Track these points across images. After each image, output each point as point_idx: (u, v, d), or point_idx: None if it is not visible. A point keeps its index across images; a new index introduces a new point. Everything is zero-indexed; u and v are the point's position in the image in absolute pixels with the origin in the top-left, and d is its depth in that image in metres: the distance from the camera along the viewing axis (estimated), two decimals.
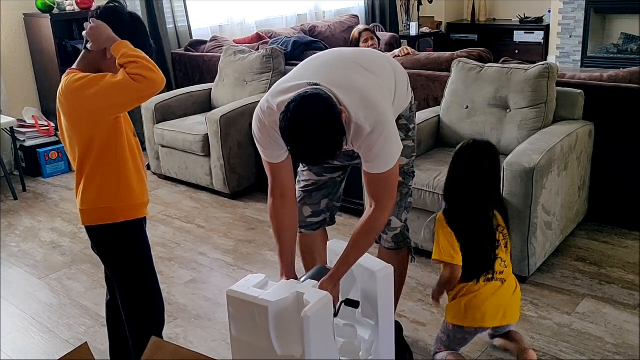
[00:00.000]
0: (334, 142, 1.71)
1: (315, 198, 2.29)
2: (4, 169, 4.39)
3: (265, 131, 1.92)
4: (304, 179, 2.30)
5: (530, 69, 3.13)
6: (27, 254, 3.48)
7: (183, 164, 4.32)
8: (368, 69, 1.95)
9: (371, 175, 1.90)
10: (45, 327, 2.75)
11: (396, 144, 1.88)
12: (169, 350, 1.72)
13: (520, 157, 2.75)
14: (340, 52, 2.07)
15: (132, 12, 1.95)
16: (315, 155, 1.74)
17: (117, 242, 2.01)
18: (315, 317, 1.73)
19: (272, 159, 1.98)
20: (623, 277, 2.86)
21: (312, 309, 1.73)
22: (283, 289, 1.85)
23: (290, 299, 1.82)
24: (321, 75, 1.85)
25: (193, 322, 2.74)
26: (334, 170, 2.27)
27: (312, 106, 1.70)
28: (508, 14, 8.17)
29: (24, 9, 4.75)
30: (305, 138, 1.69)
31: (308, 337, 1.73)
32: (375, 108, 1.83)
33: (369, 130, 1.80)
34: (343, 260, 1.94)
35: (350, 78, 1.86)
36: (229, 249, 3.39)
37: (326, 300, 1.79)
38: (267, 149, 1.95)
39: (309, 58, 2.06)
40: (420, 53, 4.35)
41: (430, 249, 3.10)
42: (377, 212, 1.93)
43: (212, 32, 5.72)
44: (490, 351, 2.41)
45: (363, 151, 1.86)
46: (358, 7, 7.12)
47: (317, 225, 2.34)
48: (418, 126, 3.30)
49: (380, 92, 1.92)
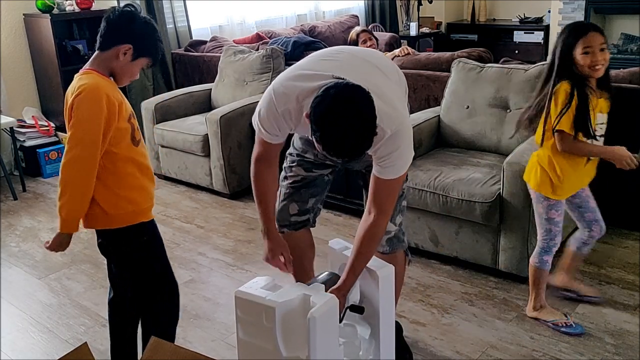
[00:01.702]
0: (369, 137, 1.64)
1: (304, 195, 2.25)
2: (4, 169, 4.39)
3: (272, 115, 1.86)
4: (291, 175, 2.24)
5: (530, 69, 3.13)
6: (27, 254, 3.48)
7: (183, 164, 4.32)
8: (385, 73, 1.94)
9: (381, 181, 1.86)
10: (44, 327, 2.74)
11: (411, 151, 1.87)
12: (169, 350, 1.72)
13: (520, 157, 2.75)
14: (357, 52, 2.01)
15: (147, 18, 2.00)
16: (349, 147, 1.63)
17: (119, 244, 2.03)
18: (321, 319, 1.73)
19: (267, 139, 1.94)
20: (623, 277, 2.86)
21: (319, 310, 1.73)
22: (290, 291, 1.85)
23: (297, 301, 1.82)
24: (346, 73, 1.78)
25: (192, 322, 2.74)
26: (325, 167, 2.23)
27: (356, 96, 1.63)
28: (508, 14, 8.16)
29: (24, 9, 4.75)
30: (343, 126, 1.59)
31: (314, 339, 1.73)
32: (396, 112, 1.81)
33: (389, 134, 1.77)
34: (349, 271, 1.91)
35: (373, 81, 1.82)
36: (229, 249, 3.39)
37: (332, 303, 1.78)
38: (269, 131, 1.91)
39: (324, 52, 1.99)
40: (420, 53, 4.35)
41: (430, 249, 3.12)
42: (378, 219, 1.91)
43: (212, 32, 5.72)
44: (490, 351, 2.41)
45: (379, 155, 1.82)
46: (358, 7, 7.11)
47: (300, 225, 2.29)
48: (418, 126, 3.32)
49: (398, 96, 1.91)
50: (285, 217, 2.26)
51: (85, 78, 1.90)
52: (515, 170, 2.71)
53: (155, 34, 1.97)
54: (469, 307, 2.72)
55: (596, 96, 2.29)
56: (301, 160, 2.22)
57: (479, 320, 2.62)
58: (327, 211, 3.80)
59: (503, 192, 2.76)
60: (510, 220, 2.77)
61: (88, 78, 1.90)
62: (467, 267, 3.03)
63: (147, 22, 1.96)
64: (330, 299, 1.79)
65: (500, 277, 2.92)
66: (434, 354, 2.42)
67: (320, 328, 1.74)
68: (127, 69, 1.94)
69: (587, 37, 2.23)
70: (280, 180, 2.26)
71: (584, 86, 2.27)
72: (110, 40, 1.91)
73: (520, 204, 2.72)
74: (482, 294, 2.81)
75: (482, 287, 2.87)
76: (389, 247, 2.21)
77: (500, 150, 3.18)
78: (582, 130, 2.27)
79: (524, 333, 2.51)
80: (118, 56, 1.91)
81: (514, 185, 2.72)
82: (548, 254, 2.48)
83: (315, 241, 2.33)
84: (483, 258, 2.92)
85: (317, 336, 1.73)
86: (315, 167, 2.22)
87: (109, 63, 1.93)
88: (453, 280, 2.95)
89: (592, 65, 2.23)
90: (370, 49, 2.22)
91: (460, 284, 2.91)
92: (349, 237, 1.98)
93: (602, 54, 2.24)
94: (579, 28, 2.27)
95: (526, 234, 2.75)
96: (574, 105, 2.26)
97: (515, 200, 2.73)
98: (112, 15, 1.91)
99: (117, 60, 1.92)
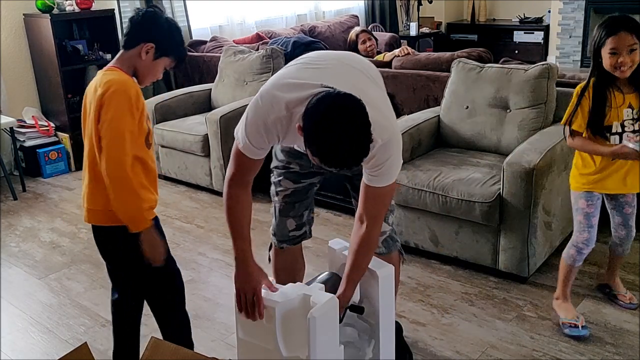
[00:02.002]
0: (366, 145, 1.60)
1: (299, 210, 2.23)
2: (4, 169, 4.39)
3: (261, 125, 1.79)
4: (281, 189, 2.20)
5: (530, 69, 3.13)
6: (27, 254, 3.48)
7: (183, 164, 4.32)
8: (370, 78, 1.92)
9: (373, 189, 1.84)
10: (44, 327, 2.74)
11: (401, 159, 1.85)
12: (169, 350, 1.72)
13: (520, 157, 2.75)
14: (342, 58, 1.97)
15: (169, 18, 2.03)
16: (347, 156, 1.58)
17: (115, 242, 2.04)
18: (321, 319, 1.73)
19: (250, 154, 1.86)
20: (623, 277, 2.86)
21: (319, 310, 1.73)
22: (290, 291, 1.85)
23: (297, 301, 1.82)
24: (335, 81, 1.73)
25: (192, 322, 2.73)
26: (313, 176, 2.19)
27: (349, 104, 1.59)
28: (508, 14, 8.17)
29: (24, 9, 4.75)
30: (340, 136, 1.55)
31: (314, 339, 1.73)
32: (387, 121, 1.79)
33: (381, 143, 1.73)
34: (347, 282, 1.90)
35: (362, 89, 1.78)
36: (228, 249, 3.38)
37: (333, 303, 1.78)
38: (256, 145, 1.83)
39: (310, 59, 1.93)
40: (420, 53, 4.35)
41: (430, 249, 3.12)
42: (371, 229, 1.89)
43: (212, 32, 5.72)
44: (490, 351, 2.41)
45: (371, 164, 1.79)
46: (358, 7, 7.11)
47: (299, 240, 2.29)
48: (418, 126, 3.32)
49: (386, 103, 1.88)
50: (284, 233, 2.25)
51: (110, 74, 1.93)
52: (515, 170, 2.71)
53: (178, 35, 2.01)
54: (469, 307, 2.72)
55: (625, 92, 2.26)
56: (287, 173, 2.17)
57: (479, 320, 2.62)
58: (327, 211, 3.80)
59: (503, 192, 2.76)
60: (510, 220, 2.77)
61: (113, 74, 1.92)
62: (467, 267, 3.03)
63: (170, 22, 2.01)
64: (331, 299, 1.79)
65: (500, 277, 2.92)
66: (433, 354, 2.42)
67: (320, 328, 1.74)
68: (150, 68, 1.98)
69: (616, 37, 2.18)
70: (272, 195, 2.25)
71: (607, 84, 2.25)
72: (134, 38, 1.95)
73: (520, 204, 2.72)
74: (482, 294, 2.81)
75: (482, 287, 2.87)
76: (385, 248, 2.20)
77: (500, 150, 3.18)
78: (593, 128, 2.26)
79: (524, 333, 2.51)
80: (140, 54, 1.94)
81: (514, 185, 2.72)
82: (575, 249, 2.45)
83: (315, 241, 2.33)
84: (483, 258, 2.92)
85: (317, 336, 1.73)
86: (302, 177, 2.18)
87: (133, 61, 1.96)
88: (453, 280, 2.95)
89: (617, 66, 2.20)
90: (351, 52, 2.15)
91: (460, 284, 2.91)
92: (349, 237, 1.98)
93: (631, 55, 2.18)
94: (612, 25, 2.20)
95: (526, 234, 2.75)
96: (587, 105, 2.25)
97: (515, 200, 2.73)
98: (136, 15, 1.97)
99: (140, 58, 1.95)
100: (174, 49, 2.00)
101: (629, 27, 2.18)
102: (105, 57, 4.95)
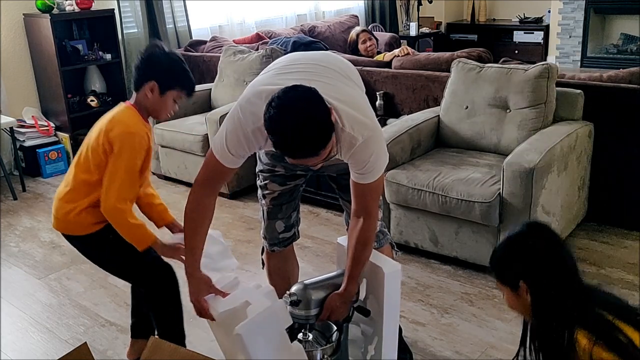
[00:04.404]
0: (321, 132, 1.62)
1: (286, 212, 2.25)
2: (4, 169, 4.39)
3: (242, 135, 1.82)
4: (268, 192, 2.22)
5: (529, 69, 3.13)
6: (27, 254, 3.48)
7: (182, 164, 4.32)
8: (347, 77, 1.93)
9: (363, 186, 1.86)
10: (44, 327, 2.75)
11: (386, 153, 1.87)
12: (168, 350, 1.72)
13: (520, 157, 2.75)
14: (318, 59, 1.97)
15: (170, 52, 2.08)
16: (301, 143, 1.62)
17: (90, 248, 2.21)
18: (248, 334, 1.71)
19: (227, 162, 1.88)
20: (623, 277, 2.86)
21: (245, 326, 1.71)
22: (233, 299, 1.90)
23: (239, 309, 1.84)
24: (311, 84, 1.74)
25: (192, 322, 2.73)
26: (297, 177, 2.20)
27: (300, 93, 1.64)
28: (508, 14, 8.17)
29: (24, 9, 4.75)
30: (291, 122, 1.59)
31: (246, 351, 1.73)
32: (367, 119, 1.80)
33: (361, 141, 1.76)
34: (349, 278, 1.91)
35: (341, 89, 1.83)
36: None
37: (265, 315, 1.76)
38: (235, 153, 1.86)
39: (285, 62, 1.96)
40: (420, 53, 4.35)
41: (429, 249, 3.12)
42: (368, 224, 1.91)
43: (212, 32, 5.72)
44: (490, 351, 2.41)
45: (355, 161, 1.82)
46: (358, 7, 7.12)
47: (289, 242, 2.31)
48: (418, 126, 3.32)
49: (365, 102, 1.90)
50: (274, 236, 2.27)
51: (126, 112, 2.06)
52: (515, 170, 2.71)
53: (178, 66, 2.06)
54: (468, 307, 2.72)
55: None
56: (272, 176, 2.19)
57: (478, 320, 2.62)
58: (327, 211, 3.80)
59: (503, 192, 2.76)
60: (510, 220, 2.77)
61: (129, 114, 2.05)
62: (467, 267, 3.03)
63: (170, 56, 2.06)
64: (265, 310, 1.76)
65: None
66: (433, 354, 2.42)
67: (250, 342, 1.72)
68: (159, 104, 2.06)
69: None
70: (259, 198, 2.27)
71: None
72: (138, 81, 2.05)
73: (520, 204, 2.72)
74: (482, 294, 2.81)
75: (482, 287, 2.88)
76: (377, 242, 2.21)
77: (500, 150, 3.18)
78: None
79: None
80: (146, 94, 2.04)
81: (514, 185, 2.72)
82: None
83: (315, 241, 2.33)
84: (483, 258, 2.92)
85: (249, 349, 1.72)
86: (288, 180, 2.19)
87: (143, 102, 2.06)
88: (453, 280, 2.95)
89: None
90: (328, 52, 2.17)
91: (460, 284, 2.91)
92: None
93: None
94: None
95: None
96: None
97: (515, 200, 2.73)
98: (137, 60, 2.06)
99: (147, 98, 2.04)
100: (177, 81, 2.05)
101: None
102: (105, 57, 4.95)
